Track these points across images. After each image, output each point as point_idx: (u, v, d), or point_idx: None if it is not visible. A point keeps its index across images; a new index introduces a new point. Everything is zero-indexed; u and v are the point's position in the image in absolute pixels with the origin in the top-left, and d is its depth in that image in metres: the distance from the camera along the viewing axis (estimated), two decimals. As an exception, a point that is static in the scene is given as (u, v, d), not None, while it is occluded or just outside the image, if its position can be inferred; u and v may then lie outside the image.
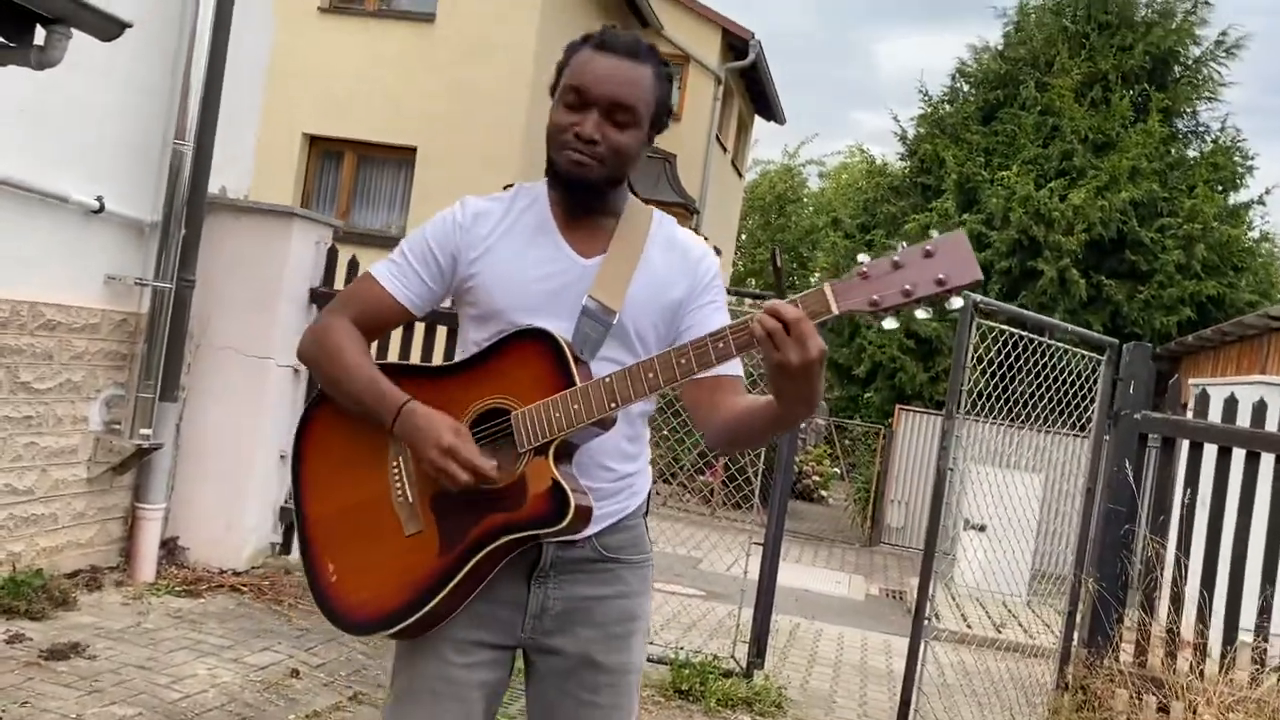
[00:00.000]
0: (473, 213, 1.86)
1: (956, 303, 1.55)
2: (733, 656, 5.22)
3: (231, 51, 5.10)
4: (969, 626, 7.86)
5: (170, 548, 5.33)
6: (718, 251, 15.46)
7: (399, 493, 1.80)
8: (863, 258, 1.56)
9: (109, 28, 2.70)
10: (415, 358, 5.50)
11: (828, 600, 8.99)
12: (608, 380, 1.68)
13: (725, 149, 18.54)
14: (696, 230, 16.56)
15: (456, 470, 1.69)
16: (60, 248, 4.62)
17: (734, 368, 1.83)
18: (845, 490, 15.58)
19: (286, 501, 5.57)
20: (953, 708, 5.08)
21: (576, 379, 1.70)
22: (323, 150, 13.54)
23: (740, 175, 21.80)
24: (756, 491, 6.05)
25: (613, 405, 1.68)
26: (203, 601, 4.97)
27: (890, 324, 1.57)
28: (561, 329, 1.76)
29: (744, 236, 26.77)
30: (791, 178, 28.17)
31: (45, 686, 3.69)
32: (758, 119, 21.68)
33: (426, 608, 1.75)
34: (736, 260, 25.56)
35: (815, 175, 29.54)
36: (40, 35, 2.63)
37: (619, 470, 1.86)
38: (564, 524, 1.69)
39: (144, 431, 4.96)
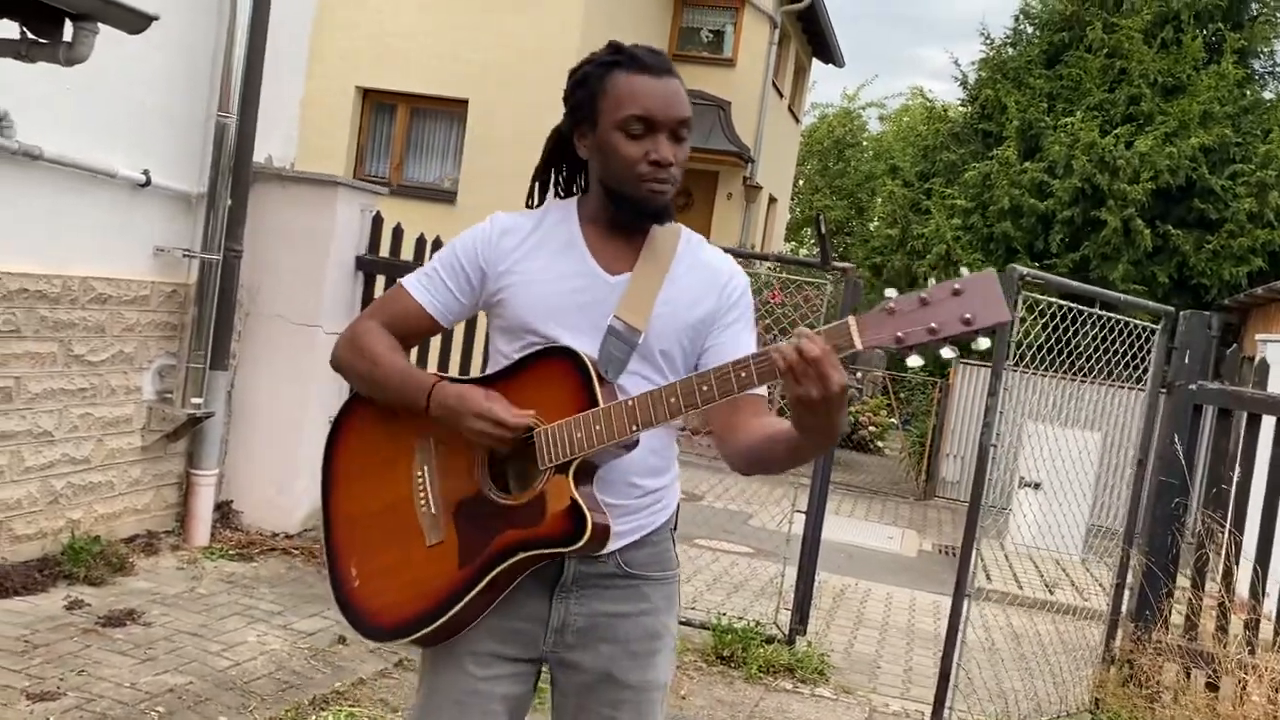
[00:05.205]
0: (501, 229, 1.89)
1: (983, 343, 1.54)
2: (775, 623, 5.24)
3: (273, 20, 5.11)
4: (1020, 587, 7.81)
5: (224, 512, 5.47)
6: (772, 200, 15.15)
7: (423, 503, 1.84)
8: (890, 293, 1.56)
9: (135, 21, 2.70)
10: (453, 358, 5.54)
11: (879, 557, 8.97)
12: (630, 403, 1.70)
13: (781, 94, 18.22)
14: (750, 178, 16.43)
15: (499, 431, 1.73)
16: (109, 222, 4.70)
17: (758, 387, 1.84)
18: (902, 441, 15.46)
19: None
20: (998, 675, 5.06)
21: (600, 399, 1.72)
22: (376, 103, 13.57)
23: (797, 121, 21.44)
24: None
25: (634, 428, 1.70)
26: (255, 565, 5.10)
27: (915, 361, 1.57)
28: (586, 346, 1.78)
29: (801, 183, 26.39)
30: (850, 121, 27.62)
31: (101, 654, 3.83)
32: (815, 62, 21.24)
33: (444, 618, 1.79)
34: (793, 207, 25.26)
35: (875, 118, 28.97)
36: (69, 31, 2.65)
37: (645, 486, 1.87)
38: (580, 544, 1.72)
39: (195, 400, 5.07)
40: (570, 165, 1.95)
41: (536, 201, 1.97)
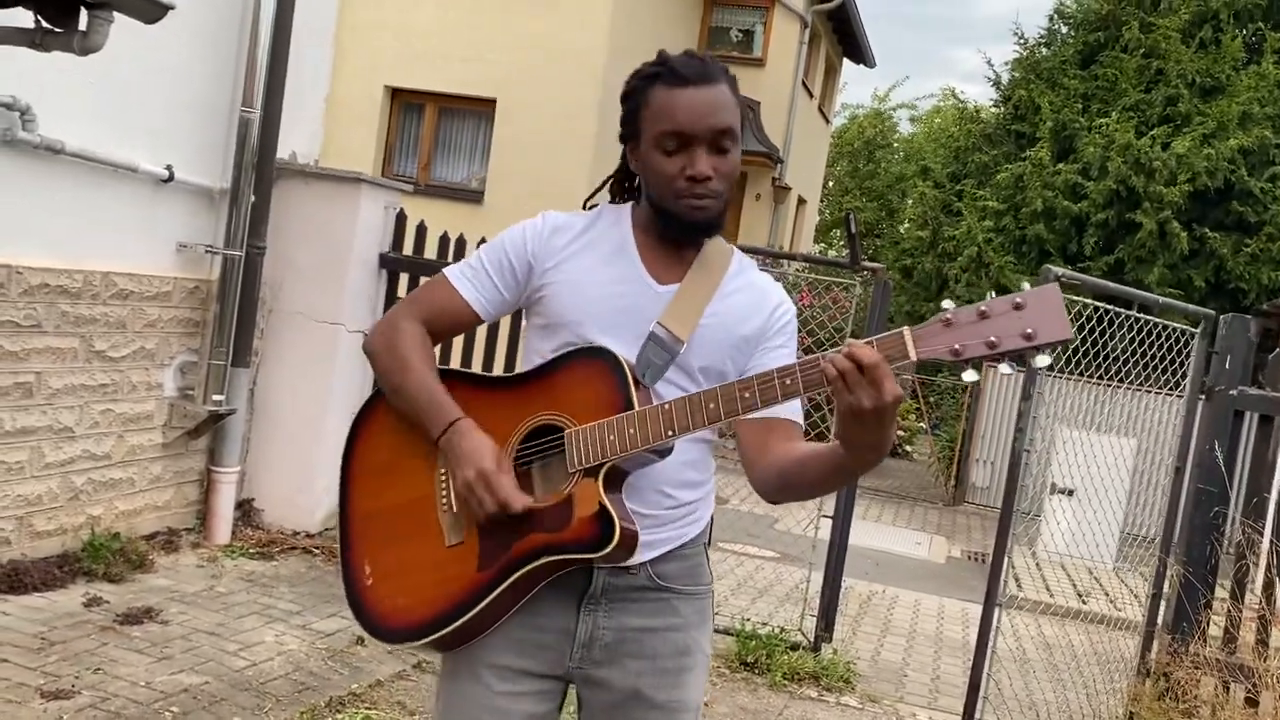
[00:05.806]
0: (552, 225, 1.84)
1: (1043, 360, 1.47)
2: (800, 629, 5.15)
3: (298, 15, 5.07)
4: (1051, 595, 7.66)
5: (246, 509, 5.44)
6: (801, 201, 14.96)
7: (444, 501, 1.77)
8: (948, 304, 1.50)
9: (151, 10, 2.66)
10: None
11: (906, 563, 8.84)
12: (666, 407, 1.63)
13: (811, 95, 18.08)
14: (779, 179, 16.31)
15: (485, 498, 1.68)
16: (131, 217, 4.68)
17: (795, 411, 1.78)
18: (930, 446, 15.29)
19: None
20: (1029, 686, 4.94)
21: (635, 403, 1.66)
22: (404, 103, 13.58)
23: (827, 121, 21.28)
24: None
25: (669, 434, 1.63)
26: (275, 564, 5.06)
27: (970, 375, 1.49)
28: (626, 351, 1.72)
29: (831, 184, 26.22)
30: (881, 122, 27.41)
31: (118, 652, 3.79)
32: (846, 62, 21.08)
33: (460, 622, 1.72)
34: (822, 209, 25.09)
35: (906, 120, 28.73)
36: (84, 20, 2.61)
37: (678, 498, 1.81)
38: (607, 550, 1.65)
39: (217, 397, 5.04)
40: (630, 173, 1.92)
41: (609, 201, 1.92)
